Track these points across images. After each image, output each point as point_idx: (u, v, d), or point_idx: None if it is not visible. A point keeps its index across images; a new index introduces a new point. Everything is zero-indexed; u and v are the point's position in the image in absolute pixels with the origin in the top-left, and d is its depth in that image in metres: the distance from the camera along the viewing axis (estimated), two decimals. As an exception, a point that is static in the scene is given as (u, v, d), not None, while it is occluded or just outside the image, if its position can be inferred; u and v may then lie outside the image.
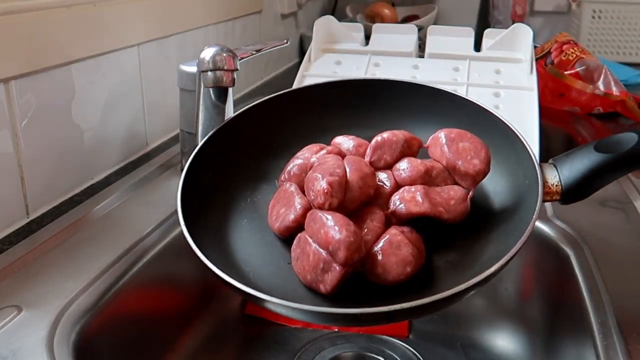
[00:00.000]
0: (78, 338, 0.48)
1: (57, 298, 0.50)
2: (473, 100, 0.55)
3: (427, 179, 0.48)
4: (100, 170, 0.76)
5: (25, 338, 0.46)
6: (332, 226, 0.42)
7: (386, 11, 1.62)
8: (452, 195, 0.47)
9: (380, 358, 0.67)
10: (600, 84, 1.07)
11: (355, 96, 0.58)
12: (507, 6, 1.65)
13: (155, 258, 0.60)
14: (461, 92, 0.86)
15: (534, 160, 0.47)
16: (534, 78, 0.86)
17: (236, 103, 0.99)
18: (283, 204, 0.48)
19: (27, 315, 0.48)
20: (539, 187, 0.45)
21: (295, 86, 0.89)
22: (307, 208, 0.46)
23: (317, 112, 0.58)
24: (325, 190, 0.44)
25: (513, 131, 0.51)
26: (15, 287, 0.52)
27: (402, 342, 0.69)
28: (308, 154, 0.52)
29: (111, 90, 0.76)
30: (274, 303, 0.40)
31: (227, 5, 1.07)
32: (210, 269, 0.42)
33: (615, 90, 1.06)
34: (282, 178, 0.52)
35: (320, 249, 0.42)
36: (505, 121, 0.52)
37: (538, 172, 0.46)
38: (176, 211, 0.46)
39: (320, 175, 0.45)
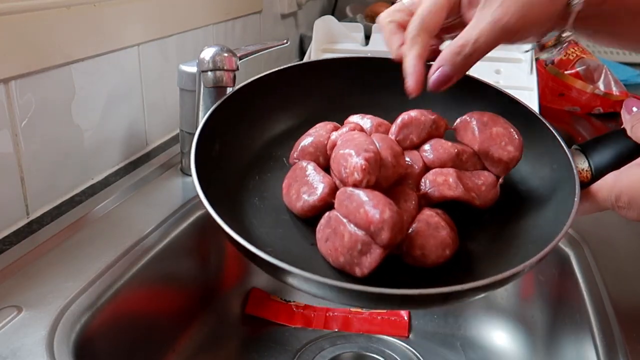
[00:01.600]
0: (78, 338, 0.48)
1: (57, 298, 0.50)
2: (496, 87, 0.53)
3: (457, 163, 0.46)
4: (100, 170, 0.76)
5: (25, 338, 0.46)
6: (374, 205, 0.39)
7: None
8: (483, 181, 0.46)
9: (380, 358, 0.67)
10: (601, 84, 1.07)
11: (372, 76, 0.55)
12: (507, 6, 1.64)
13: (155, 258, 0.60)
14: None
15: (563, 145, 0.47)
16: (534, 78, 0.87)
17: (236, 103, 0.99)
18: (303, 183, 0.46)
19: (27, 315, 0.48)
20: (574, 172, 0.44)
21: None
22: (333, 186, 0.44)
23: (330, 88, 0.55)
24: (363, 167, 0.41)
25: (537, 117, 0.50)
26: (15, 287, 0.52)
27: (402, 342, 0.69)
28: (323, 132, 0.49)
29: (111, 90, 0.76)
30: (320, 282, 0.37)
31: (227, 5, 1.07)
32: (244, 247, 0.39)
33: (615, 90, 1.06)
34: (294, 155, 0.49)
35: (358, 230, 0.40)
36: (529, 107, 0.51)
37: (570, 157, 0.46)
38: (176, 211, 0.46)
39: (353, 152, 0.42)
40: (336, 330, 0.70)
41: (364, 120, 0.50)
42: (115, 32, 0.76)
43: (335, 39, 0.99)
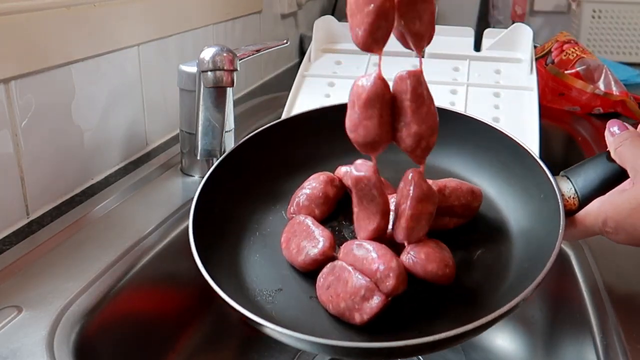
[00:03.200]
0: (78, 338, 0.48)
1: (57, 298, 0.50)
2: (478, 118, 0.55)
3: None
4: (100, 170, 0.76)
5: (25, 338, 0.46)
6: (381, 255, 0.42)
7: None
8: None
9: (380, 358, 0.67)
10: (601, 84, 1.07)
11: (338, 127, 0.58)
12: (507, 6, 1.65)
13: (155, 258, 0.60)
14: (461, 92, 0.86)
15: (549, 175, 0.47)
16: (534, 78, 0.86)
17: (236, 103, 0.99)
18: (302, 237, 0.48)
19: (27, 315, 0.48)
20: (559, 201, 0.45)
21: (294, 87, 0.89)
22: (332, 240, 0.46)
23: (317, 138, 0.57)
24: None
25: (522, 147, 0.51)
26: (15, 287, 0.52)
27: (402, 342, 0.69)
28: (316, 184, 0.52)
29: (111, 90, 0.76)
30: (313, 342, 0.39)
31: (227, 5, 1.07)
32: (238, 310, 0.41)
33: (615, 90, 1.06)
34: (291, 210, 0.52)
35: (363, 277, 0.42)
36: (513, 137, 0.52)
37: (555, 186, 0.46)
38: (175, 212, 0.46)
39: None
40: (336, 330, 0.70)
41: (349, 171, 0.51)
42: (115, 32, 0.76)
43: (335, 39, 0.99)
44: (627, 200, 0.44)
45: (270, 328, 0.40)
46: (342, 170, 0.53)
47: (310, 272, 0.46)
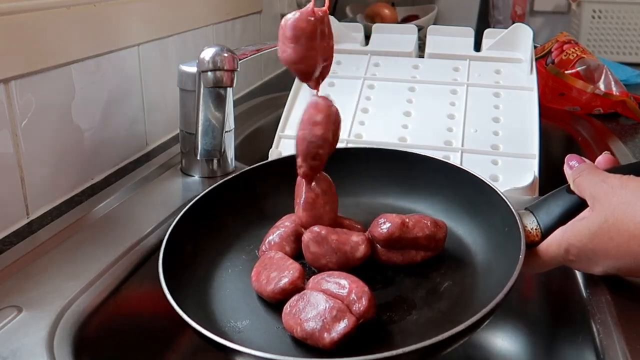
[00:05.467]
0: (78, 338, 0.48)
1: (57, 298, 0.50)
2: (439, 159, 0.58)
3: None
4: (100, 170, 0.76)
5: (25, 338, 0.46)
6: (353, 281, 0.44)
7: (386, 11, 1.62)
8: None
9: (380, 358, 0.67)
10: (601, 84, 1.06)
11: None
12: (507, 6, 1.65)
13: (155, 258, 0.60)
14: (461, 92, 0.86)
15: (512, 209, 0.50)
16: (534, 78, 0.86)
17: (236, 103, 0.99)
18: (272, 269, 0.48)
19: (27, 315, 0.48)
20: (521, 232, 0.47)
21: (294, 87, 0.89)
22: (302, 271, 0.47)
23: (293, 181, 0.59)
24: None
25: (488, 185, 0.53)
26: (15, 288, 0.52)
27: (402, 342, 0.69)
28: (287, 223, 0.53)
29: (111, 90, 0.76)
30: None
31: (227, 5, 1.07)
32: (206, 336, 0.41)
33: (615, 90, 1.06)
34: (263, 248, 0.53)
35: (334, 300, 0.43)
36: (478, 175, 0.55)
37: (517, 218, 0.48)
38: (176, 211, 0.46)
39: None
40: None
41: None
42: (115, 32, 0.76)
43: (335, 39, 0.99)
44: (586, 227, 0.45)
45: (239, 350, 0.40)
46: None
47: (279, 304, 0.46)
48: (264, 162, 0.62)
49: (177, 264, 0.49)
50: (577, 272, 0.59)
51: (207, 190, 0.57)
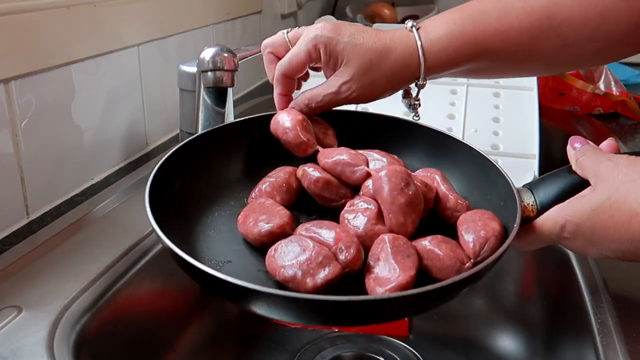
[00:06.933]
0: (78, 338, 0.48)
1: (57, 298, 0.50)
2: (442, 131, 0.57)
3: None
4: (100, 170, 0.76)
5: (25, 338, 0.46)
6: (342, 230, 0.43)
7: (386, 11, 1.62)
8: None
9: (380, 358, 0.67)
10: (601, 84, 1.07)
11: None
12: (507, 6, 1.64)
13: (156, 258, 0.60)
14: (461, 92, 0.86)
15: (510, 183, 0.50)
16: (534, 78, 0.86)
17: (236, 103, 0.99)
18: (261, 212, 0.48)
19: (27, 315, 0.48)
20: (517, 205, 0.47)
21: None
22: (291, 217, 0.47)
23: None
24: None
25: (487, 159, 0.53)
26: (15, 287, 0.52)
27: (402, 342, 0.69)
28: (282, 174, 0.52)
29: (111, 90, 0.76)
30: (270, 295, 0.38)
31: (227, 5, 1.07)
32: (181, 258, 0.41)
33: (615, 90, 1.06)
34: (253, 196, 0.52)
35: (321, 246, 0.42)
36: (479, 150, 0.54)
37: (515, 193, 0.48)
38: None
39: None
40: (336, 330, 0.70)
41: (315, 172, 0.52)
42: (115, 32, 0.76)
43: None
44: (587, 204, 0.45)
45: (212, 275, 0.39)
46: (301, 170, 0.53)
47: (264, 249, 0.45)
48: (262, 114, 0.59)
49: (165, 199, 0.48)
50: (577, 272, 0.59)
51: (201, 133, 0.56)
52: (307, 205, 0.52)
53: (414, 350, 0.68)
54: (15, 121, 0.61)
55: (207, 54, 0.67)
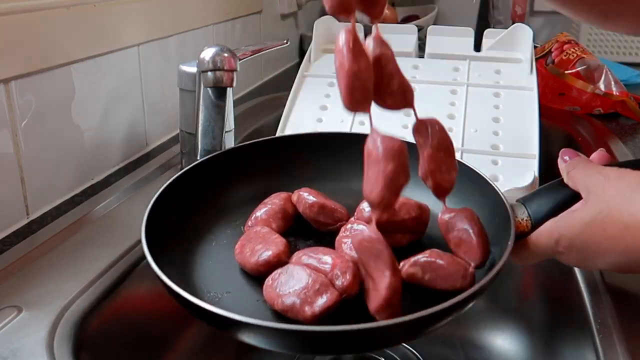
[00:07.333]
0: (78, 338, 0.48)
1: (57, 298, 0.50)
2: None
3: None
4: (100, 170, 0.76)
5: (25, 338, 0.46)
6: (337, 257, 0.43)
7: (386, 11, 1.62)
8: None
9: (380, 358, 0.67)
10: (601, 84, 1.06)
11: (326, 150, 0.60)
12: (507, 6, 1.64)
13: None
14: (461, 92, 0.86)
15: (503, 200, 0.49)
16: (534, 78, 0.86)
17: (236, 103, 0.99)
18: (257, 242, 0.48)
19: (27, 315, 0.48)
20: (511, 221, 0.47)
21: (294, 87, 0.89)
22: (287, 246, 0.47)
23: (287, 162, 0.59)
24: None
25: (480, 175, 0.53)
26: (15, 288, 0.52)
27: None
28: (277, 200, 0.53)
29: (111, 90, 0.76)
30: (261, 327, 0.38)
31: (227, 5, 1.07)
32: (180, 296, 0.40)
33: (615, 90, 1.06)
34: (249, 224, 0.53)
35: (317, 274, 0.42)
36: (471, 166, 0.54)
37: (509, 209, 0.48)
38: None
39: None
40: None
41: (309, 197, 0.53)
42: (115, 32, 0.76)
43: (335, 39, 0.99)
44: (579, 218, 0.45)
45: (211, 311, 0.39)
46: (296, 195, 0.54)
47: (261, 278, 0.45)
48: (257, 140, 0.60)
49: (161, 232, 0.48)
50: (577, 272, 0.59)
51: (197, 162, 0.56)
52: (303, 230, 0.53)
53: (414, 350, 0.68)
54: (15, 121, 0.61)
55: (207, 54, 0.67)
